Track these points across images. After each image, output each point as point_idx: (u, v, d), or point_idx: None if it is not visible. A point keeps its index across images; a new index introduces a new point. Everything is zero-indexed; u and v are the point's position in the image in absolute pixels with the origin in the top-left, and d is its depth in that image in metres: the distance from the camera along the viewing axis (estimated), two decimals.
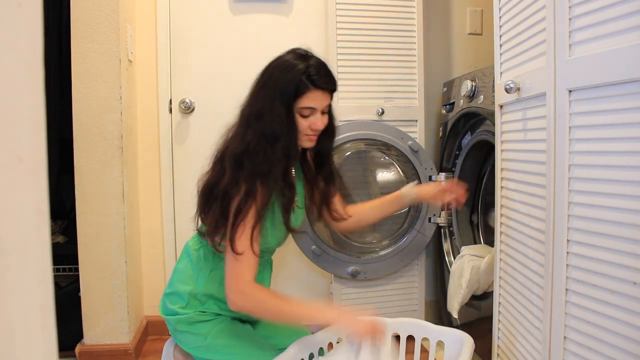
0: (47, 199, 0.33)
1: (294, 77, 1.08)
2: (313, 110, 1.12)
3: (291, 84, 1.08)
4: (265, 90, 1.11)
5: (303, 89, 1.08)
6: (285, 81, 1.08)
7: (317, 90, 1.10)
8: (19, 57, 0.30)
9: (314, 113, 1.12)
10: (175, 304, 1.18)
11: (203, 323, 1.16)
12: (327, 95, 1.13)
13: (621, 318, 0.80)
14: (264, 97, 1.10)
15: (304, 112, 1.11)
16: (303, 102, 1.10)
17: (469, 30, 2.14)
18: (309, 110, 1.11)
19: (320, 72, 1.10)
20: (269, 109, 1.09)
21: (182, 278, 1.20)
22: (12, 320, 0.29)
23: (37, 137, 0.32)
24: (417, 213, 1.83)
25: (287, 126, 1.09)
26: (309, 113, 1.12)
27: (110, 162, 1.66)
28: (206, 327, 1.16)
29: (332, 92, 1.15)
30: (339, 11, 1.81)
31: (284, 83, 1.08)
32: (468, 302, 1.61)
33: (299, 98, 1.09)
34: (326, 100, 1.14)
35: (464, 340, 1.14)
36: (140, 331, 1.83)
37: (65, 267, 1.96)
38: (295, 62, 1.10)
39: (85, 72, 1.64)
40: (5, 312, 0.29)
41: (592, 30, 0.85)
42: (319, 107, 1.12)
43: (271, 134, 1.08)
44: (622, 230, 0.79)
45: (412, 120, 1.88)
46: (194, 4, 1.93)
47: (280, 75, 1.10)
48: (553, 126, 0.96)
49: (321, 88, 1.10)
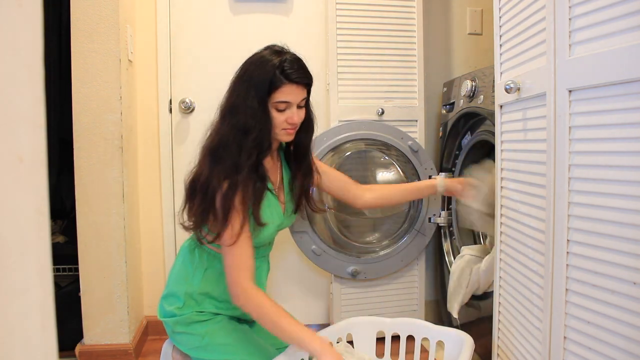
0: (47, 199, 0.33)
1: (268, 71, 1.10)
2: (288, 104, 1.13)
3: (265, 78, 1.10)
4: (241, 85, 1.14)
5: (277, 83, 1.10)
6: (260, 76, 1.11)
7: (291, 84, 1.12)
8: (19, 57, 0.30)
9: (290, 107, 1.14)
10: (172, 305, 1.18)
11: (200, 323, 1.16)
12: (302, 89, 1.15)
13: (621, 318, 0.80)
14: (239, 91, 1.13)
15: (279, 107, 1.13)
16: (278, 96, 1.11)
17: (469, 30, 2.14)
18: (284, 105, 1.13)
19: (294, 67, 1.12)
20: (243, 102, 1.11)
21: (178, 279, 1.21)
22: (12, 320, 0.29)
23: (37, 137, 0.32)
24: (417, 213, 1.83)
25: (261, 119, 1.11)
26: (284, 107, 1.13)
27: (110, 162, 1.66)
28: (204, 328, 1.16)
29: (308, 86, 1.18)
30: (339, 11, 1.81)
31: (258, 78, 1.11)
32: (468, 302, 1.61)
33: (274, 92, 1.11)
34: (301, 94, 1.15)
35: (464, 340, 1.14)
36: (140, 331, 1.83)
37: (65, 267, 1.96)
38: (270, 57, 1.13)
39: (85, 72, 1.64)
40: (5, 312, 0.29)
41: (592, 30, 0.85)
42: (294, 101, 1.14)
43: (243, 126, 1.10)
44: (622, 230, 0.79)
45: (412, 120, 1.88)
46: (194, 4, 1.93)
47: (255, 70, 1.12)
48: (553, 126, 0.96)
49: (295, 82, 1.12)
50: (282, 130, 1.16)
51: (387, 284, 1.87)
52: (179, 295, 1.18)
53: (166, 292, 1.22)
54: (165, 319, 1.20)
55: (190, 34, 1.93)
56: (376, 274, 1.82)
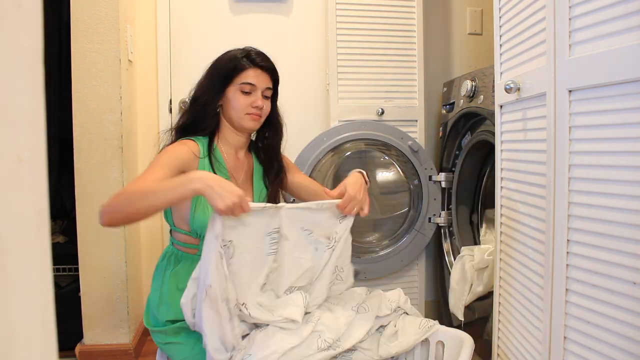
0: (47, 199, 0.33)
1: (234, 58, 1.20)
2: (253, 87, 1.19)
3: (231, 64, 1.19)
4: (208, 75, 1.23)
5: (242, 66, 1.19)
6: (227, 63, 1.20)
7: (255, 68, 1.19)
8: (19, 57, 0.30)
9: (255, 91, 1.19)
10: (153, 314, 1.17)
11: (188, 331, 1.11)
12: (266, 77, 1.21)
13: (621, 318, 0.80)
14: (205, 79, 1.23)
15: (244, 88, 1.18)
16: (242, 77, 1.18)
17: (469, 30, 2.14)
18: (248, 86, 1.18)
19: (259, 55, 1.21)
20: (206, 85, 1.21)
21: (153, 285, 1.21)
22: (12, 320, 0.29)
23: (37, 137, 0.32)
24: (417, 213, 1.83)
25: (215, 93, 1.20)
26: (249, 89, 1.19)
27: (110, 162, 1.66)
28: (193, 336, 1.11)
29: (272, 75, 1.23)
30: (339, 11, 1.81)
31: (224, 65, 1.20)
32: None
33: (239, 75, 1.18)
34: (266, 82, 1.21)
35: (464, 340, 1.14)
36: (140, 331, 1.83)
37: (65, 267, 1.96)
38: (237, 51, 1.22)
39: (85, 72, 1.64)
40: (5, 312, 0.29)
41: (592, 30, 0.85)
42: (259, 85, 1.20)
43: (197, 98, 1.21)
44: (623, 230, 0.79)
45: (412, 120, 1.88)
46: (194, 4, 1.93)
47: (222, 60, 1.22)
48: (553, 126, 0.96)
49: (259, 66, 1.20)
50: (246, 115, 1.20)
51: (387, 284, 1.87)
52: (153, 304, 1.16)
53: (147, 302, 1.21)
54: (153, 328, 1.16)
55: (190, 34, 1.93)
56: (376, 273, 1.82)
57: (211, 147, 1.20)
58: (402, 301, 1.23)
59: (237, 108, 1.19)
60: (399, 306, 1.22)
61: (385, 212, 1.87)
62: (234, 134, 1.25)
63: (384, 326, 1.19)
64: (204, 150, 1.18)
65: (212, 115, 1.21)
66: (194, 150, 1.16)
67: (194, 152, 1.15)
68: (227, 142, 1.25)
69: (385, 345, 1.14)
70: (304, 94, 2.04)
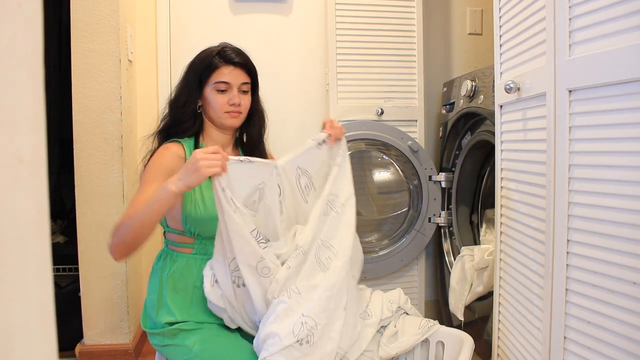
0: (47, 199, 0.33)
1: (208, 56, 1.20)
2: (228, 85, 1.19)
3: (205, 62, 1.19)
4: (185, 76, 1.23)
5: (215, 65, 1.18)
6: (202, 62, 1.20)
7: (228, 65, 1.19)
8: (19, 57, 0.30)
9: (230, 88, 1.19)
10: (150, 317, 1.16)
11: (186, 333, 1.11)
12: (241, 72, 1.20)
13: (621, 318, 0.80)
14: (182, 80, 1.23)
15: (219, 87, 1.18)
16: (216, 76, 1.18)
17: (469, 30, 2.14)
18: (224, 85, 1.18)
19: (234, 52, 1.21)
20: (184, 87, 1.21)
21: (150, 288, 1.20)
22: (11, 320, 0.29)
23: (37, 137, 0.32)
24: (416, 213, 1.83)
25: (193, 94, 1.19)
26: (224, 87, 1.19)
27: (110, 162, 1.66)
28: (191, 338, 1.10)
29: (248, 70, 1.22)
30: (338, 11, 1.81)
31: (198, 65, 1.20)
32: None
33: (213, 74, 1.18)
34: (241, 77, 1.20)
35: (464, 340, 1.14)
36: (140, 331, 1.83)
37: (65, 267, 1.96)
38: (211, 49, 1.22)
39: (85, 72, 1.64)
40: (5, 312, 0.29)
41: (592, 30, 0.85)
42: (234, 83, 1.19)
43: (176, 100, 1.21)
44: (622, 231, 0.79)
45: (412, 120, 1.88)
46: (194, 4, 1.93)
47: (196, 60, 1.22)
48: (553, 126, 0.96)
49: (232, 63, 1.19)
50: (225, 114, 1.20)
51: (387, 284, 1.87)
52: (151, 305, 1.15)
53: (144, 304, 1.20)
54: (151, 331, 1.15)
55: (190, 34, 1.93)
56: (376, 273, 1.82)
57: (197, 147, 1.20)
58: (402, 301, 1.23)
59: (215, 108, 1.19)
60: (399, 306, 1.22)
61: (385, 212, 1.87)
62: (219, 132, 1.25)
63: (384, 327, 1.19)
64: (190, 151, 1.17)
65: (192, 116, 1.21)
66: (179, 152, 1.16)
67: (179, 155, 1.15)
68: (212, 141, 1.25)
69: (385, 347, 1.14)
70: (304, 94, 2.04)
